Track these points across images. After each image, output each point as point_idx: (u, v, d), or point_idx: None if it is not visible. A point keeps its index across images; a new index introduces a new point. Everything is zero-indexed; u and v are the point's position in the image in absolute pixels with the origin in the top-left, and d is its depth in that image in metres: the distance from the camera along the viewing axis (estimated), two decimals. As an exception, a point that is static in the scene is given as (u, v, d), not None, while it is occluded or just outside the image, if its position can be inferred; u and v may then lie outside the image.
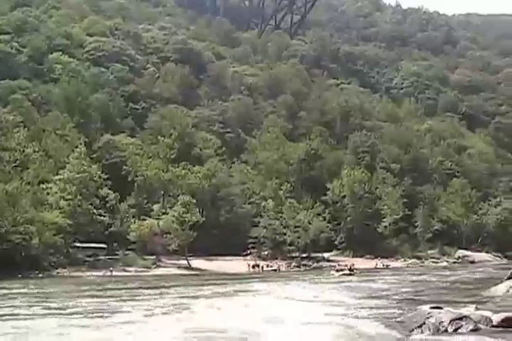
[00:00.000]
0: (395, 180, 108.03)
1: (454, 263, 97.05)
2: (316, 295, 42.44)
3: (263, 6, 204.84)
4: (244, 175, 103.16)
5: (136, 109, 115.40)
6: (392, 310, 32.72)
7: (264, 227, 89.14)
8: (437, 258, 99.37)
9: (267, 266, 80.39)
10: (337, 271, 71.39)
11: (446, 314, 26.26)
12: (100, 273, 65.60)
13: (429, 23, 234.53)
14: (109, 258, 72.85)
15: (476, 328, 25.42)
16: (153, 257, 75.86)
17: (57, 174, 74.31)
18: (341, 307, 34.78)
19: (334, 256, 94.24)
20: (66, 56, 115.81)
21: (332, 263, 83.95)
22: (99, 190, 77.56)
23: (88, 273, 65.29)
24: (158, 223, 77.92)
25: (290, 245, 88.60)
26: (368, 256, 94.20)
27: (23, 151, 77.03)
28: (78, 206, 72.27)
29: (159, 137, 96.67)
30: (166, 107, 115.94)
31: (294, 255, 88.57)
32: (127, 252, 75.83)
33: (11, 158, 74.94)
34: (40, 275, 62.03)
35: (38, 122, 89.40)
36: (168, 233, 77.29)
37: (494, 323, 26.29)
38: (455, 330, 25.12)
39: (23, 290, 46.57)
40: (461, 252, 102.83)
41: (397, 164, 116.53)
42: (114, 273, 66.26)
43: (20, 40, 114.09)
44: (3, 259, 58.44)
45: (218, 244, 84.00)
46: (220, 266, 76.55)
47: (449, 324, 25.37)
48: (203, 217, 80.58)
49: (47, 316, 31.64)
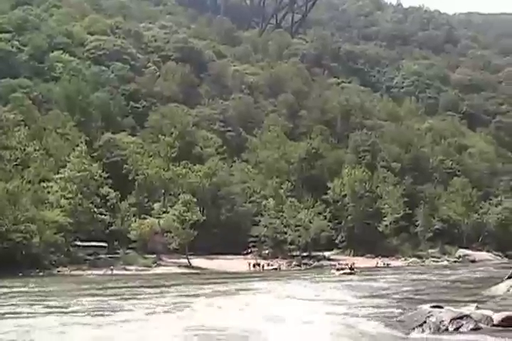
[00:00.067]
0: (395, 179, 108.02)
1: (455, 262, 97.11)
2: (317, 294, 42.44)
3: (264, 5, 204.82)
4: (244, 173, 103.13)
5: (137, 107, 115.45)
6: (392, 309, 32.69)
7: (265, 226, 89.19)
8: (438, 258, 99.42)
9: (268, 264, 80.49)
10: (337, 269, 71.28)
11: (446, 313, 26.25)
12: (101, 272, 65.65)
13: (430, 22, 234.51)
14: (109, 257, 72.89)
15: (476, 327, 25.40)
16: (154, 256, 75.90)
17: (58, 173, 74.41)
18: (342, 306, 34.76)
19: (335, 255, 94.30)
20: (67, 55, 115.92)
21: (333, 262, 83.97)
22: (100, 189, 77.65)
23: (89, 272, 65.34)
24: (158, 222, 77.98)
25: (291, 244, 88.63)
26: (369, 255, 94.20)
27: (24, 150, 77.14)
28: (79, 205, 72.39)
29: (160, 136, 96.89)
30: (166, 106, 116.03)
31: (294, 254, 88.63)
32: (128, 251, 75.88)
33: (11, 156, 75.01)
34: (40, 273, 62.11)
35: (39, 121, 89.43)
36: (169, 232, 77.38)
37: (495, 322, 26.27)
38: (456, 329, 25.10)
39: (23, 289, 46.59)
40: (462, 251, 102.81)
41: (397, 163, 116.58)
42: (115, 272, 66.31)
43: (21, 38, 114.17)
44: (4, 258, 58.51)
45: (219, 243, 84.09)
46: (220, 264, 76.59)
47: (449, 323, 25.35)
48: (203, 215, 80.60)
49: (48, 314, 31.65)
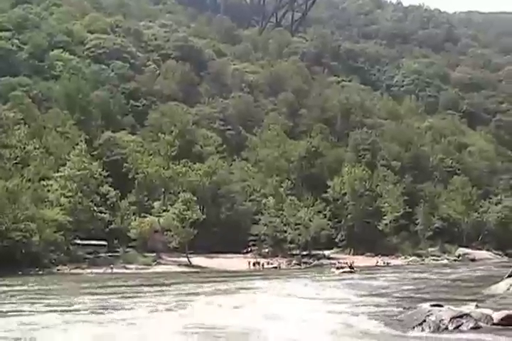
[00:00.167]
0: (395, 178, 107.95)
1: (455, 260, 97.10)
2: (317, 292, 42.41)
3: (264, 4, 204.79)
4: (244, 172, 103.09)
5: (137, 106, 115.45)
6: (392, 308, 32.69)
7: (265, 225, 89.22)
8: (438, 256, 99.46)
9: (268, 263, 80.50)
10: (337, 268, 71.33)
11: (446, 312, 26.23)
12: (101, 271, 65.67)
13: (430, 20, 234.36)
14: (109, 256, 72.98)
15: (476, 326, 25.38)
16: (154, 254, 75.91)
17: (58, 171, 74.37)
18: (342, 304, 34.76)
19: (335, 253, 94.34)
20: (67, 53, 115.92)
21: (332, 261, 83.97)
22: (100, 187, 77.61)
23: (88, 271, 65.37)
24: (158, 220, 77.99)
25: (291, 243, 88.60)
26: (369, 254, 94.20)
27: (24, 148, 77.13)
28: (79, 203, 72.39)
29: (160, 134, 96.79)
30: (166, 104, 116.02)
31: (294, 252, 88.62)
32: (128, 249, 75.89)
33: (11, 155, 75.00)
34: (40, 272, 62.05)
35: (39, 119, 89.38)
36: (169, 230, 77.39)
37: (495, 321, 26.25)
38: (455, 328, 25.07)
39: (23, 287, 46.57)
40: (462, 250, 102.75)
41: (397, 162, 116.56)
42: (115, 271, 66.33)
43: (21, 37, 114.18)
44: (4, 256, 58.54)
45: (219, 242, 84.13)
46: (220, 263, 76.60)
47: (449, 322, 25.33)
48: (203, 214, 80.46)
49: (49, 313, 31.67)
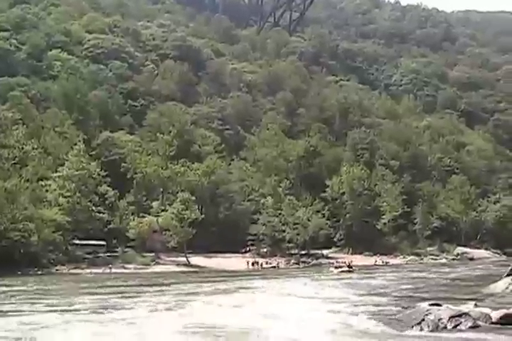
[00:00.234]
0: (394, 177, 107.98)
1: (453, 260, 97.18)
2: (316, 292, 42.52)
3: (262, 3, 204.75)
4: (243, 172, 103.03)
5: (135, 106, 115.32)
6: (391, 307, 32.77)
7: (263, 224, 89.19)
8: (436, 255, 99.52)
9: (266, 263, 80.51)
10: (336, 267, 71.43)
11: (445, 311, 26.30)
12: (99, 270, 65.68)
13: (428, 20, 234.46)
14: (108, 256, 72.99)
15: (475, 325, 25.48)
16: (153, 254, 75.91)
17: (56, 171, 74.37)
18: (341, 304, 34.82)
19: (333, 253, 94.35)
20: (65, 53, 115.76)
21: (331, 260, 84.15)
22: (98, 187, 77.62)
23: (87, 271, 65.41)
24: (157, 220, 78.00)
25: (289, 242, 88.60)
26: (367, 253, 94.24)
27: (22, 148, 77.07)
28: (77, 203, 72.39)
29: (158, 134, 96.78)
30: (164, 104, 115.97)
31: (293, 252, 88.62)
32: (126, 249, 75.87)
33: (9, 155, 74.92)
34: (39, 272, 62.05)
35: (37, 119, 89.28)
36: (167, 230, 77.37)
37: (493, 320, 26.36)
38: (454, 327, 25.17)
39: (23, 288, 46.62)
40: (460, 249, 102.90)
41: (396, 161, 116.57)
42: (114, 271, 66.35)
43: (19, 37, 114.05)
44: (3, 256, 58.56)
45: (217, 241, 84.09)
46: (219, 263, 76.62)
47: (448, 321, 25.41)
48: (202, 214, 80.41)
49: (49, 313, 31.77)
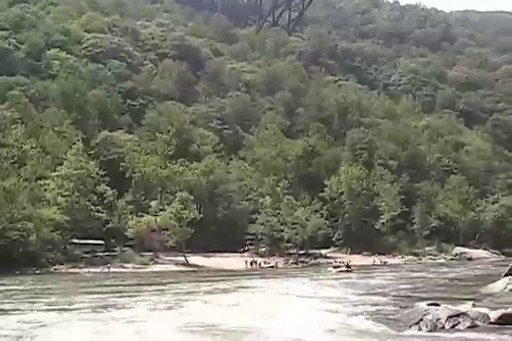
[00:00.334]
0: (392, 177, 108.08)
1: (452, 260, 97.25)
2: (314, 291, 42.55)
3: (261, 3, 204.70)
4: (241, 171, 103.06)
5: (134, 105, 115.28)
6: (389, 307, 32.79)
7: (262, 224, 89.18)
8: (435, 255, 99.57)
9: (265, 262, 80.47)
10: (334, 267, 71.50)
11: (443, 311, 26.31)
12: (98, 270, 65.66)
13: (426, 19, 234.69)
14: (106, 255, 73.01)
15: (473, 325, 25.47)
16: (151, 254, 75.90)
17: (55, 170, 74.33)
18: (340, 303, 34.84)
19: (332, 252, 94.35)
20: (64, 52, 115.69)
21: (329, 260, 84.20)
22: (97, 187, 77.66)
23: (86, 270, 65.38)
24: (155, 219, 78.02)
25: (288, 242, 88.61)
26: (366, 253, 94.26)
27: (21, 148, 77.05)
28: (76, 202, 72.35)
29: (157, 133, 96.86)
30: (163, 104, 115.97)
31: (291, 252, 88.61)
32: (125, 249, 75.86)
33: (8, 154, 74.89)
34: (37, 271, 62.04)
35: (36, 118, 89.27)
36: (166, 229, 77.37)
37: (491, 320, 26.33)
38: (452, 327, 25.17)
39: (21, 287, 46.62)
40: (459, 249, 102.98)
41: (394, 161, 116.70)
42: (112, 270, 66.32)
43: (18, 36, 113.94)
44: (1, 256, 58.61)
45: (216, 241, 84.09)
46: (217, 262, 76.62)
47: (446, 321, 25.42)
48: (200, 213, 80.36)
49: (49, 311, 31.83)
